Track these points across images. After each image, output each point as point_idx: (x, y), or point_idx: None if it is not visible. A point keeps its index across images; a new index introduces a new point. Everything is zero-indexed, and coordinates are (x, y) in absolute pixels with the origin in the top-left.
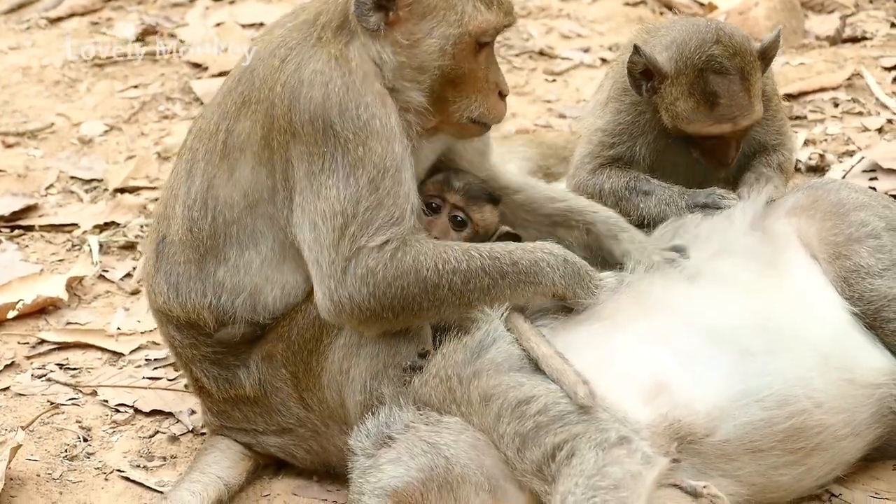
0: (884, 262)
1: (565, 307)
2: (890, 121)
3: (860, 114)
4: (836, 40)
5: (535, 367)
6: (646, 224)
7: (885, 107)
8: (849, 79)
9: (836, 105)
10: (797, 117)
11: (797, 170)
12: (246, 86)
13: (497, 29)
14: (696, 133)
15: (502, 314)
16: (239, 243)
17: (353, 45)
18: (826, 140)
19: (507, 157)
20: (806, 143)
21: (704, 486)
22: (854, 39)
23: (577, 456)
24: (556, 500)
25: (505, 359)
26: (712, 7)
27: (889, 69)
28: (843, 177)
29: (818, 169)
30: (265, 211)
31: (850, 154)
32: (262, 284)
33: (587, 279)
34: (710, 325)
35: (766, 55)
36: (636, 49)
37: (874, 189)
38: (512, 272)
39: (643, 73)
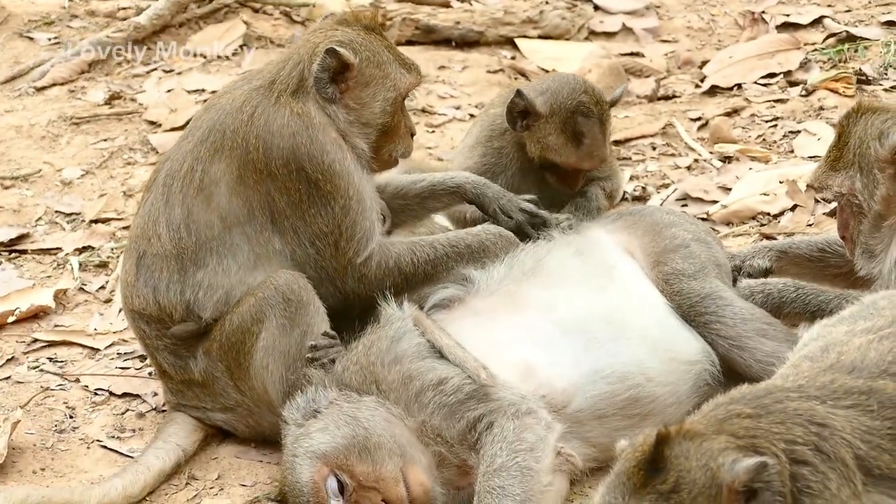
0: (695, 266)
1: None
2: (696, 160)
3: (673, 155)
4: (652, 98)
5: (440, 354)
6: None
7: (692, 149)
8: (663, 128)
9: (654, 148)
10: (624, 158)
11: (624, 199)
12: (217, 136)
13: (415, 86)
14: (562, 163)
15: (408, 313)
16: (218, 254)
17: (309, 102)
18: (647, 176)
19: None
20: (631, 178)
21: (561, 447)
22: (667, 97)
23: (497, 425)
24: (485, 462)
25: (417, 348)
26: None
27: (694, 120)
28: (661, 204)
29: (641, 198)
30: (242, 230)
31: (666, 186)
32: (236, 285)
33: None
34: (564, 318)
35: (613, 105)
36: (519, 93)
37: (684, 212)
38: (467, 252)
39: (520, 113)
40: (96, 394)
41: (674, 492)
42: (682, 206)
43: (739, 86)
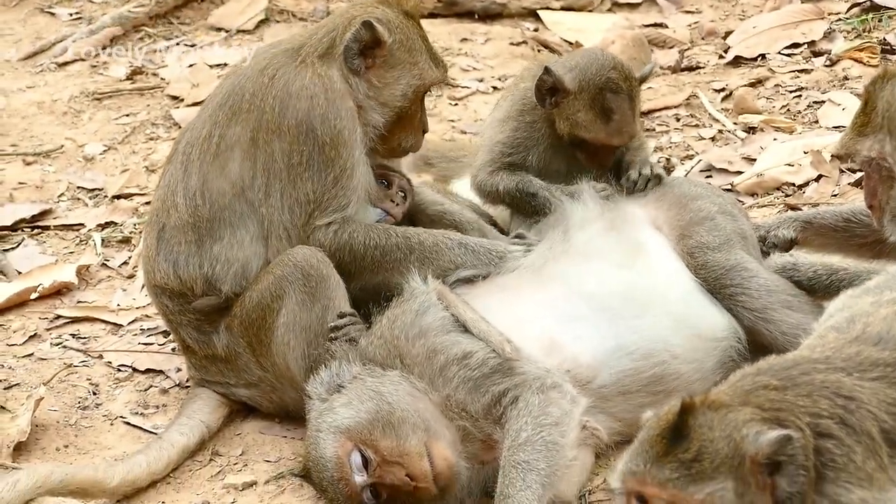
0: (720, 238)
1: (476, 278)
2: (720, 131)
3: (697, 126)
4: (676, 69)
5: (464, 328)
6: (536, 215)
7: (716, 120)
8: (687, 99)
9: (678, 119)
10: (648, 130)
11: None
12: (236, 100)
13: (440, 82)
14: (592, 140)
15: (433, 287)
16: (231, 224)
17: (334, 69)
18: (671, 147)
19: None
20: (655, 149)
21: (587, 421)
22: (690, 68)
23: (522, 399)
24: (510, 436)
25: (441, 322)
26: (579, 45)
27: (718, 91)
28: (686, 176)
29: (666, 170)
30: (245, 197)
31: (690, 158)
32: (251, 258)
33: (484, 255)
34: (590, 293)
35: (642, 81)
36: (547, 70)
37: (709, 184)
38: (418, 249)
39: (549, 90)
40: (119, 370)
41: (695, 461)
42: (707, 177)
43: (763, 56)
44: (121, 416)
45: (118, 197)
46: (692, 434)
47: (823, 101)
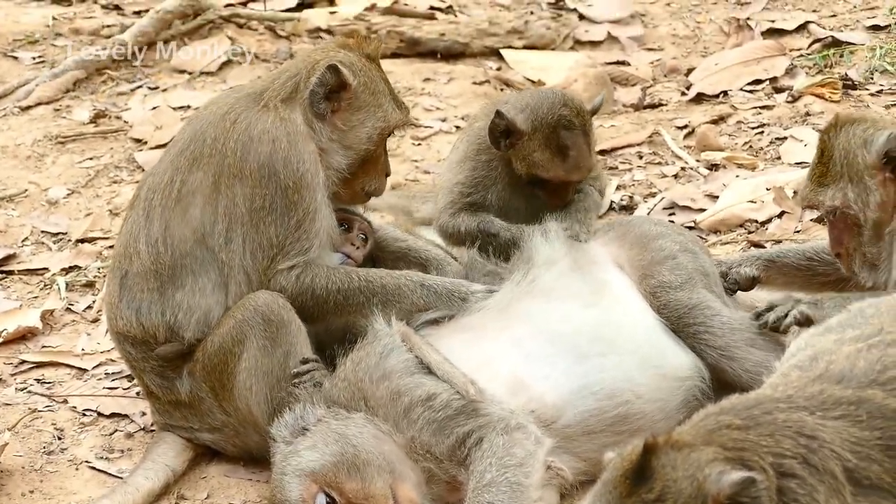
0: (681, 277)
1: (441, 319)
2: (683, 168)
3: (659, 164)
4: (638, 107)
5: (428, 370)
6: (499, 255)
7: (679, 158)
8: (650, 136)
9: (641, 157)
10: (611, 168)
11: (612, 209)
12: (197, 145)
13: (403, 124)
14: (551, 178)
15: (396, 329)
16: (193, 272)
17: (297, 112)
18: (634, 185)
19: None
20: (618, 187)
21: (551, 461)
22: (653, 106)
23: (487, 441)
24: (475, 478)
25: (405, 364)
26: (541, 83)
27: (681, 128)
28: (648, 213)
29: (628, 208)
30: (207, 243)
31: (653, 195)
32: (213, 306)
33: (446, 296)
34: (555, 332)
35: (593, 114)
36: (498, 113)
37: (672, 222)
38: (381, 293)
39: (502, 133)
40: (84, 414)
41: (659, 501)
42: (670, 214)
43: (725, 93)
44: (86, 461)
45: (82, 241)
46: (655, 474)
47: (786, 138)
